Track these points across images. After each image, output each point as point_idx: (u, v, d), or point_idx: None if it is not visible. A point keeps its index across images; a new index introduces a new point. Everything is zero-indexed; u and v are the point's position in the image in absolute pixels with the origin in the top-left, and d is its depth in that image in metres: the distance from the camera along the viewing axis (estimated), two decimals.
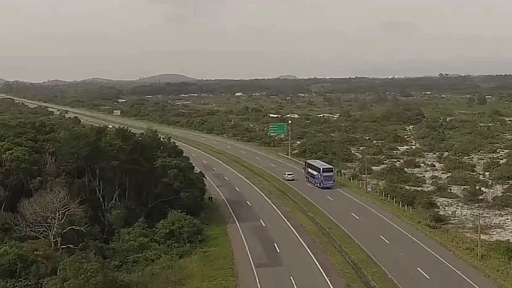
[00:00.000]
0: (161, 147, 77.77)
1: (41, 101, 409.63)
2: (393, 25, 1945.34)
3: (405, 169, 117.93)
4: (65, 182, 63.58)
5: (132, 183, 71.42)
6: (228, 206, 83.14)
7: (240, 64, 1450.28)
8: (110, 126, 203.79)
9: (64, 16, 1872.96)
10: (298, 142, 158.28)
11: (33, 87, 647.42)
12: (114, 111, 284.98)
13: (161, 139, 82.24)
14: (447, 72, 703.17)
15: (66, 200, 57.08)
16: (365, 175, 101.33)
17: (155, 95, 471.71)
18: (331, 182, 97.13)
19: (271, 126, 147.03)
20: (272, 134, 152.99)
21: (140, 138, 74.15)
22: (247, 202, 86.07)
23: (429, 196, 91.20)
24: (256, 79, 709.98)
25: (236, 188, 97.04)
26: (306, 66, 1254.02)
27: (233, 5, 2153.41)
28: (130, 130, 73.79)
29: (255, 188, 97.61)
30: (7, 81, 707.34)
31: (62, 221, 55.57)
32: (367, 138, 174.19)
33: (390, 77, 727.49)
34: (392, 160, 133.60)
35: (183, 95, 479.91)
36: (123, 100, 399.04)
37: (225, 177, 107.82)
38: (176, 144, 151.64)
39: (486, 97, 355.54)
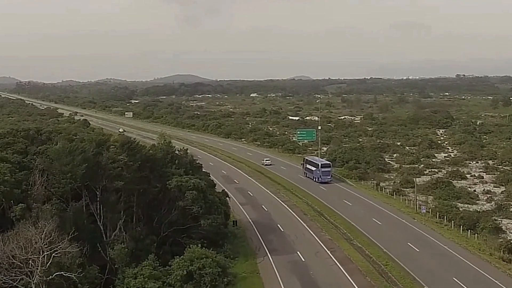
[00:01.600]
0: (176, 161, 64.04)
1: (52, 102, 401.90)
2: (404, 26, 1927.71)
3: (452, 182, 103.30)
4: (55, 209, 50.38)
5: (141, 208, 58.14)
6: (257, 232, 69.15)
7: (253, 65, 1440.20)
8: (120, 130, 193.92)
9: (79, 17, 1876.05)
10: (325, 149, 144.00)
11: (45, 88, 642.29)
12: (126, 113, 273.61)
13: (177, 151, 68.38)
14: (460, 73, 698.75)
15: (54, 236, 44.01)
16: (414, 194, 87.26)
17: (169, 95, 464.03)
18: (329, 177, 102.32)
19: (298, 132, 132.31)
20: (299, 140, 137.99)
21: (150, 151, 60.56)
22: (278, 225, 72.08)
23: (493, 218, 76.81)
24: (270, 79, 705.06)
25: (263, 207, 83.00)
26: (319, 67, 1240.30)
27: (244, 6, 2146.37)
28: (138, 142, 59.96)
29: (285, 206, 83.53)
30: (20, 81, 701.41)
31: (48, 265, 42.45)
32: (398, 143, 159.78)
33: (405, 77, 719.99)
34: (432, 170, 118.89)
35: (197, 95, 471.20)
36: (136, 101, 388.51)
37: (249, 192, 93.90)
38: (191, 151, 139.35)
39: (510, 98, 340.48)
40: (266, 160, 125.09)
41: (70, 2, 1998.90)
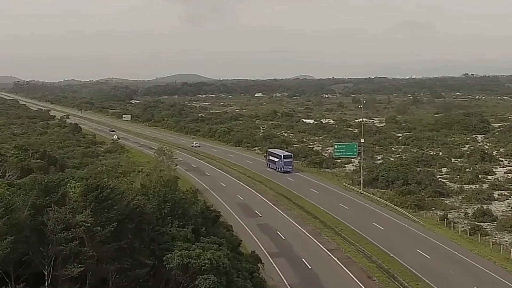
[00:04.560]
0: (180, 212, 39.26)
1: (49, 102, 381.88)
2: (407, 25, 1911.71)
3: None
4: None
5: None
6: None
7: (256, 64, 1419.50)
8: (114, 137, 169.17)
9: (82, 17, 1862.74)
10: (356, 162, 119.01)
11: (44, 87, 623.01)
12: (123, 115, 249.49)
13: (181, 194, 43.14)
14: (464, 72, 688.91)
15: None
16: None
17: (171, 95, 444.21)
18: (290, 167, 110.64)
19: (336, 146, 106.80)
20: (337, 157, 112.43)
21: (136, 200, 35.88)
22: None
23: None
24: (274, 79, 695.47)
25: (305, 261, 57.10)
26: (322, 67, 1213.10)
27: (247, 6, 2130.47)
28: (113, 186, 34.74)
29: (335, 260, 57.40)
30: (18, 81, 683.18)
31: None
32: (440, 154, 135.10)
33: (408, 77, 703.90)
34: (502, 193, 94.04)
35: (200, 95, 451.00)
36: (137, 102, 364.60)
37: (278, 232, 68.09)
38: (197, 164, 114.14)
39: None
40: (195, 143, 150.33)
41: (76, 2, 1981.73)
